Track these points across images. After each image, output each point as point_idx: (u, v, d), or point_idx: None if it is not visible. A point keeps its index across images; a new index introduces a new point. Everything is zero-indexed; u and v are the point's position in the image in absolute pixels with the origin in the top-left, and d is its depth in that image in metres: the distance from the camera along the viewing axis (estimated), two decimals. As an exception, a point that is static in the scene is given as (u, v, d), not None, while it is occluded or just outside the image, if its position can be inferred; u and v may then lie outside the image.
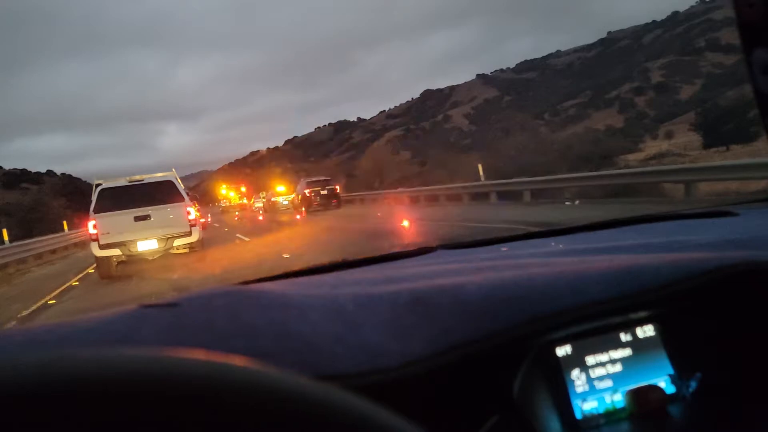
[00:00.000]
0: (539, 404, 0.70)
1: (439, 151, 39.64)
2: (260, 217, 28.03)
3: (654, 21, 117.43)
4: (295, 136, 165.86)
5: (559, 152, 19.47)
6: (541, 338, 0.70)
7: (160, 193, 10.30)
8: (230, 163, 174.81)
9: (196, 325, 0.63)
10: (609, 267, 0.76)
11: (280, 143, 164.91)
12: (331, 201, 25.87)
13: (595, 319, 0.71)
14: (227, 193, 65.11)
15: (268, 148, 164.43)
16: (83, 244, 23.08)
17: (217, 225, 23.44)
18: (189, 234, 10.26)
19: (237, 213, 41.59)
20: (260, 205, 43.60)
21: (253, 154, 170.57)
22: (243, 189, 66.65)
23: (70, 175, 72.96)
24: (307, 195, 26.05)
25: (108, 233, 9.85)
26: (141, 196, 10.15)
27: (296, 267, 1.14)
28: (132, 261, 10.10)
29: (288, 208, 32.34)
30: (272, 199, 36.99)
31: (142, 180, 10.46)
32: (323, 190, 26.46)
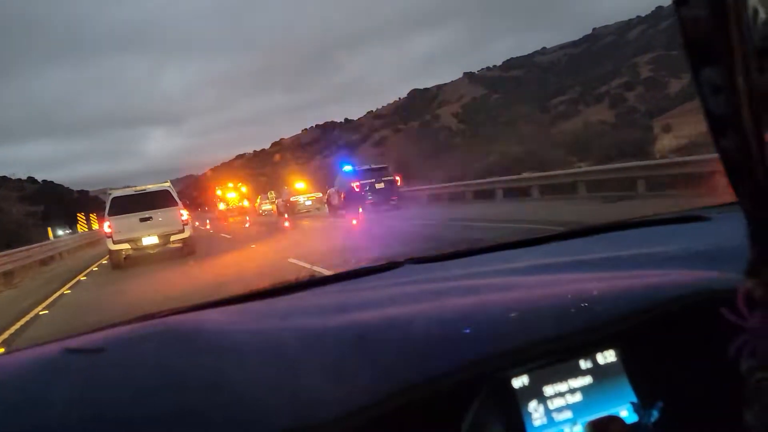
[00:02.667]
0: None
1: (430, 149, 39.00)
2: (286, 223, 21.08)
3: (638, 16, 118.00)
4: (282, 138, 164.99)
5: (582, 143, 19.32)
6: (496, 371, 0.67)
7: (159, 199, 13.45)
8: (216, 167, 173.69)
9: (120, 376, 0.60)
10: (566, 297, 0.75)
11: (267, 146, 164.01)
12: (388, 198, 19.15)
13: (550, 355, 0.69)
14: (224, 194, 52.05)
15: (254, 151, 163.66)
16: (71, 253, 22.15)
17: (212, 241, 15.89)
18: (182, 231, 13.47)
19: (247, 218, 32.76)
20: (269, 207, 37.26)
21: (239, 157, 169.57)
22: (243, 189, 56.17)
23: (52, 182, 71.59)
24: (355, 190, 19.17)
25: (120, 231, 12.96)
26: (144, 202, 13.28)
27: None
28: (138, 253, 13.34)
29: (310, 210, 28.32)
30: (291, 199, 30.46)
31: (145, 189, 13.77)
32: (378, 182, 19.34)
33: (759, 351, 0.49)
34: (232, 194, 52.39)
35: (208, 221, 31.93)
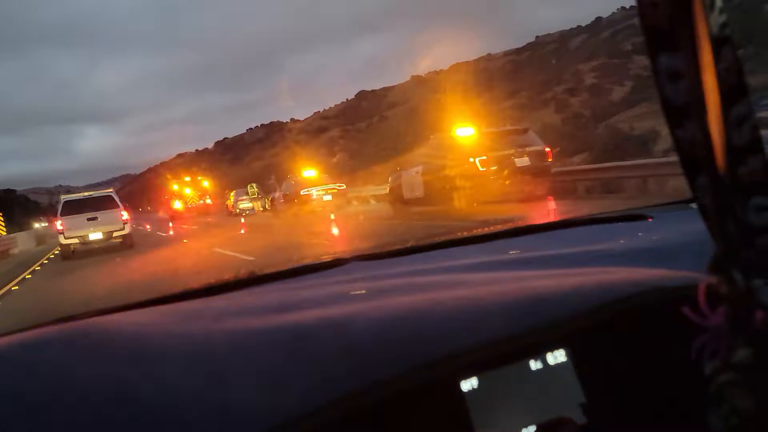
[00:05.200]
0: None
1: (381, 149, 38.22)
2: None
3: (579, 26, 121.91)
4: (225, 138, 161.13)
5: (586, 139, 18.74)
6: (443, 374, 0.64)
7: (103, 202, 16.65)
8: (156, 166, 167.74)
9: (10, 386, 0.54)
10: (515, 296, 0.73)
11: (209, 145, 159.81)
12: (537, 180, 11.28)
13: (499, 357, 0.67)
14: (180, 190, 41.07)
15: (197, 150, 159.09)
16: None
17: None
18: (123, 229, 16.51)
19: (245, 223, 19.53)
20: (248, 206, 29.52)
21: (180, 156, 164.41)
22: (205, 183, 44.44)
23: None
24: (480, 169, 11.16)
25: (70, 229, 16.01)
26: (91, 204, 16.53)
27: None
28: (85, 247, 16.35)
29: (325, 208, 19.21)
30: (302, 192, 20.78)
31: (92, 194, 17.35)
32: (521, 156, 11.26)
33: (721, 351, 0.48)
34: (189, 190, 41.61)
35: (170, 225, 24.31)
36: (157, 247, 15.38)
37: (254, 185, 31.47)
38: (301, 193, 21.03)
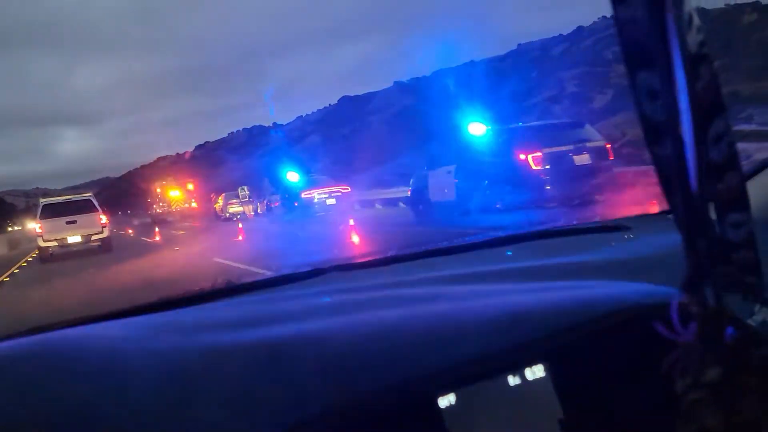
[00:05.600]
0: None
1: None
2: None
3: (561, 35, 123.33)
4: (206, 141, 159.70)
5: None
6: (420, 391, 0.64)
7: (82, 206, 17.17)
8: (136, 169, 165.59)
9: None
10: (493, 312, 0.73)
11: (191, 148, 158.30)
12: (599, 181, 9.40)
13: (477, 374, 0.67)
14: (164, 193, 38.82)
15: (177, 153, 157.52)
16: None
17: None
18: (101, 232, 17.04)
19: (242, 228, 15.30)
20: (239, 209, 27.12)
21: (161, 159, 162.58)
22: (190, 186, 41.11)
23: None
24: (533, 168, 9.34)
25: (49, 231, 16.34)
26: (70, 208, 17.00)
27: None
28: (63, 250, 16.55)
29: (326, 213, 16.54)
30: (302, 196, 18.05)
31: (70, 198, 18.04)
32: (580, 153, 9.41)
33: (692, 368, 0.48)
34: (175, 192, 38.47)
35: (156, 230, 21.51)
36: (144, 256, 13.59)
37: (245, 188, 29.16)
38: (302, 196, 18.70)
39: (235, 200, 28.54)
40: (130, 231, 27.70)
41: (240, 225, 16.02)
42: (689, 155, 0.44)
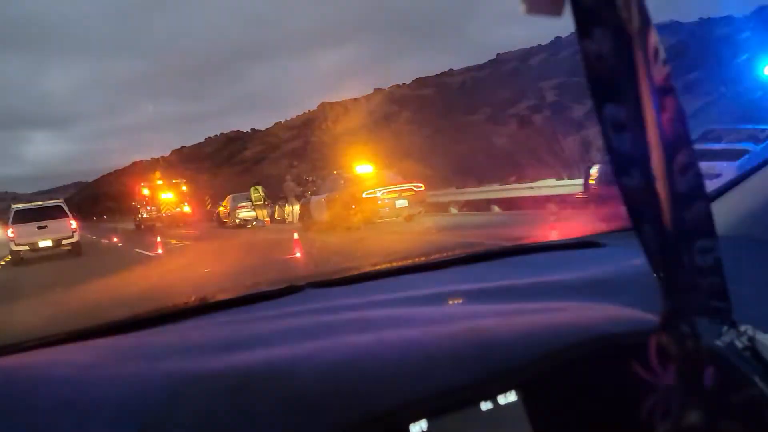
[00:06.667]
0: None
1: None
2: None
3: (539, 45, 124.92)
4: (183, 146, 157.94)
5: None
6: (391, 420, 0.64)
7: (53, 212, 17.69)
8: (110, 173, 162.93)
9: None
10: (465, 339, 0.73)
11: (167, 153, 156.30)
12: None
13: (447, 405, 0.67)
14: (152, 194, 31.92)
15: (153, 158, 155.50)
16: None
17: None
18: (72, 237, 17.47)
19: (298, 240, 10.14)
20: (252, 214, 21.97)
21: (136, 163, 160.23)
22: (184, 188, 33.53)
23: None
24: None
25: (21, 236, 16.83)
26: (41, 213, 17.53)
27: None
28: (35, 254, 16.89)
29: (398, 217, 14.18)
30: (364, 195, 14.16)
31: (42, 204, 18.68)
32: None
33: (673, 412, 0.47)
34: (167, 194, 31.79)
35: (158, 240, 16.12)
36: (153, 282, 8.85)
37: (259, 188, 22.67)
38: (363, 195, 14.18)
39: (245, 203, 22.86)
40: (117, 240, 23.16)
41: (296, 236, 10.47)
42: (657, 186, 0.45)
